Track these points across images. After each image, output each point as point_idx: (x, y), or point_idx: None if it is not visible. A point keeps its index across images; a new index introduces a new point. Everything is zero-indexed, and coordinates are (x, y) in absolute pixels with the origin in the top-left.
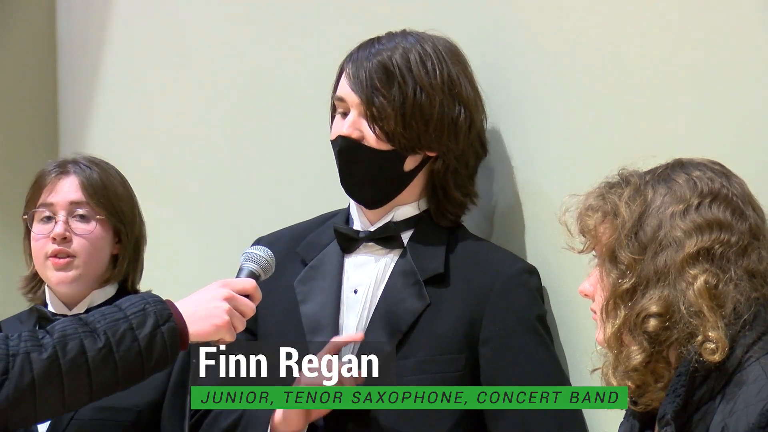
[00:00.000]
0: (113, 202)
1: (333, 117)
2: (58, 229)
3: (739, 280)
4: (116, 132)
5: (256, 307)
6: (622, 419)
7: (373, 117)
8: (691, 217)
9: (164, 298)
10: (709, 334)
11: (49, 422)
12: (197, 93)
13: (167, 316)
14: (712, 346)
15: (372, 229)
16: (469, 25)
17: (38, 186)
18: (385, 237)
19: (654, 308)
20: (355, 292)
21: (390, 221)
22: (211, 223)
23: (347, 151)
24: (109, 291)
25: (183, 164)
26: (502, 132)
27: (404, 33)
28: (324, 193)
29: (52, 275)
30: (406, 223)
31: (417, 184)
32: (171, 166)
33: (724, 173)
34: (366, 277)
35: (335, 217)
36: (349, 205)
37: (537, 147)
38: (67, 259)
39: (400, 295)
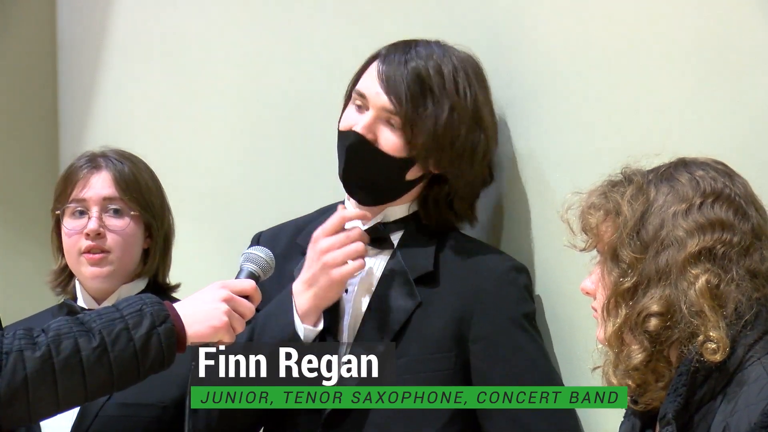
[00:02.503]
0: (145, 197)
1: (345, 106)
2: (92, 225)
3: (740, 280)
4: (116, 131)
5: (262, 294)
6: (623, 418)
7: (406, 124)
8: (694, 216)
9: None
10: (710, 334)
11: (74, 420)
12: (198, 92)
13: (164, 317)
14: (713, 346)
15: (362, 229)
16: (472, 26)
17: (70, 181)
18: (376, 238)
19: (655, 307)
20: (346, 291)
21: (379, 222)
22: (212, 223)
23: (357, 148)
24: (139, 285)
25: (184, 163)
26: (502, 131)
27: (437, 44)
28: (327, 193)
29: (86, 270)
30: (396, 224)
31: (413, 192)
32: (172, 166)
33: (727, 173)
34: (357, 277)
35: (333, 210)
36: (343, 202)
37: (537, 146)
38: (102, 255)
39: (391, 295)
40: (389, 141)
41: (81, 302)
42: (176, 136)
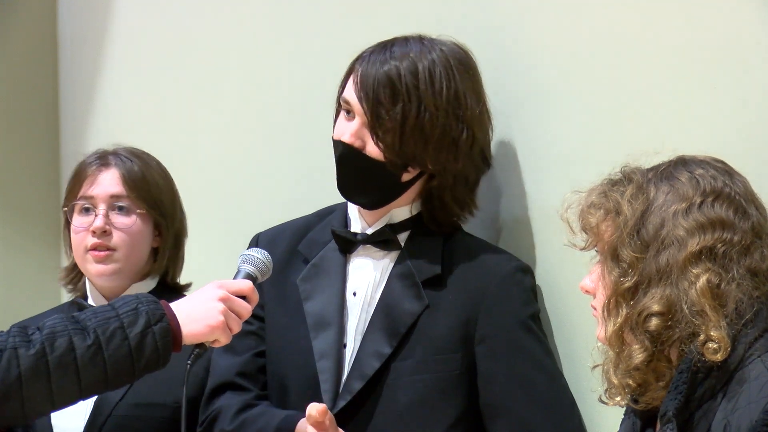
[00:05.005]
0: (154, 195)
1: (338, 113)
2: (98, 222)
3: (741, 279)
4: (117, 130)
5: (265, 300)
6: (623, 416)
7: (374, 130)
8: (694, 215)
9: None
10: (712, 333)
11: (87, 419)
12: (199, 90)
13: (160, 316)
14: (715, 345)
15: (369, 231)
16: (470, 27)
17: (79, 178)
18: (383, 240)
19: (656, 307)
20: (354, 294)
21: (386, 225)
22: (214, 222)
23: (347, 157)
24: (149, 284)
25: (185, 162)
26: (502, 132)
27: (416, 40)
28: (328, 191)
29: (91, 268)
30: (403, 225)
31: (412, 190)
32: (173, 165)
33: (727, 171)
34: (364, 280)
35: (334, 213)
36: (347, 203)
37: (536, 146)
38: (107, 252)
39: (399, 297)
40: (374, 147)
41: (91, 300)
42: (177, 135)
